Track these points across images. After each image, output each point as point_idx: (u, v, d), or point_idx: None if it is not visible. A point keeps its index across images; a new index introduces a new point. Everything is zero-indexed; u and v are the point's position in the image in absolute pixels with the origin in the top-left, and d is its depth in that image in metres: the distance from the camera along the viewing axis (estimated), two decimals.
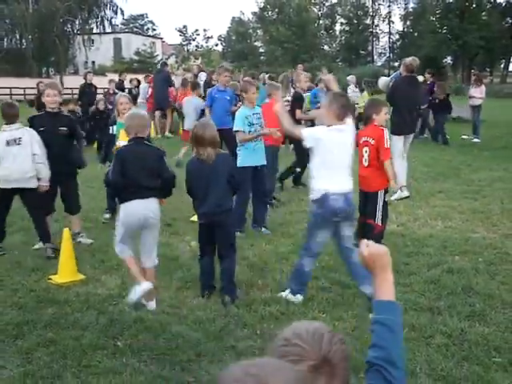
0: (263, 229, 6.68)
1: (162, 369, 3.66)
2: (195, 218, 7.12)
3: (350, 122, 4.58)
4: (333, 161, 4.47)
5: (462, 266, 5.43)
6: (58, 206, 7.67)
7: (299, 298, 4.69)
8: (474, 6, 52.51)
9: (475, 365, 3.66)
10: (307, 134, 4.57)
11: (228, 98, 8.80)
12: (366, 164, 5.64)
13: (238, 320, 4.34)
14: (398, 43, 65.09)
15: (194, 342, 3.98)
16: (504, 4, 54.08)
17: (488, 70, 55.83)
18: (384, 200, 5.59)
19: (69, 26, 44.28)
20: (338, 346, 1.27)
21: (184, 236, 6.55)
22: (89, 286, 4.95)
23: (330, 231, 4.59)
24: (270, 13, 59.53)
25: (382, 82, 10.48)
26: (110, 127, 7.26)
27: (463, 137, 15.54)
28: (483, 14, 53.12)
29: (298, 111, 8.82)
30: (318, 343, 1.25)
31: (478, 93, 15.26)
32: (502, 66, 59.00)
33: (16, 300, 4.75)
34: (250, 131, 6.45)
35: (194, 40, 50.07)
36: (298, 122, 8.80)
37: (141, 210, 4.50)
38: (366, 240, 1.80)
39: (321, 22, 64.26)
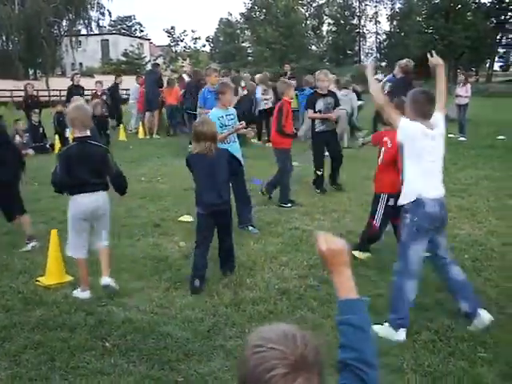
0: (250, 228, 6.70)
1: (150, 369, 3.66)
2: (184, 218, 7.17)
3: (437, 117, 4.15)
4: (424, 162, 4.06)
5: None
6: (46, 210, 7.66)
7: (402, 334, 4.03)
8: (460, 6, 52.91)
9: (461, 360, 3.71)
10: (402, 125, 4.03)
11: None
12: (378, 163, 5.68)
13: (226, 319, 4.36)
14: (385, 43, 65.40)
15: (182, 342, 3.99)
16: (488, 4, 54.57)
17: (474, 69, 56.26)
18: (387, 204, 5.53)
19: (55, 27, 44.01)
20: (311, 343, 1.26)
21: (173, 236, 6.55)
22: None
23: (426, 242, 4.12)
24: (257, 13, 59.55)
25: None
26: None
27: (450, 135, 15.65)
28: (468, 14, 53.57)
29: (310, 111, 8.73)
30: (292, 343, 1.24)
31: (463, 92, 15.39)
32: (488, 65, 59.51)
33: (3, 302, 4.73)
34: (221, 133, 6.46)
35: (181, 41, 49.88)
36: (312, 121, 8.79)
37: (89, 202, 4.71)
38: (322, 232, 1.69)
39: (308, 22, 64.41)
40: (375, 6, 67.42)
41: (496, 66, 58.65)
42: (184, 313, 4.49)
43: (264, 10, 57.70)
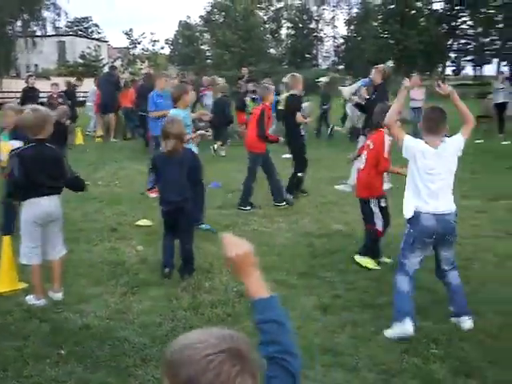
0: (203, 225, 6.72)
1: (107, 375, 3.61)
2: (141, 222, 7.11)
3: (455, 138, 4.28)
4: (418, 175, 4.20)
5: None
6: None
7: (407, 327, 4.02)
8: (414, 11, 54.16)
9: (415, 357, 3.79)
10: (406, 143, 4.26)
11: (169, 101, 8.82)
12: (361, 167, 5.68)
13: (185, 323, 4.34)
14: (343, 47, 66.33)
15: (140, 347, 3.95)
16: (441, 11, 56.04)
17: (428, 73, 57.64)
18: (380, 206, 5.56)
19: (10, 27, 42.80)
20: (246, 340, 1.33)
21: (130, 241, 6.47)
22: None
23: (425, 252, 4.29)
24: (216, 16, 59.51)
25: (347, 91, 10.52)
26: None
27: None
28: (421, 20, 54.84)
29: (299, 114, 8.47)
30: (231, 341, 1.28)
31: (418, 95, 15.74)
32: (440, 69, 61.03)
33: None
34: None
35: (139, 43, 49.35)
36: (298, 125, 8.53)
37: (45, 206, 4.64)
38: (227, 235, 1.75)
39: (267, 26, 64.72)
40: (332, 11, 68.35)
41: (448, 71, 60.17)
42: (141, 318, 4.45)
43: (223, 13, 57.71)
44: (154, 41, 49.90)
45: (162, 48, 53.76)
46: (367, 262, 5.55)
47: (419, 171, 4.19)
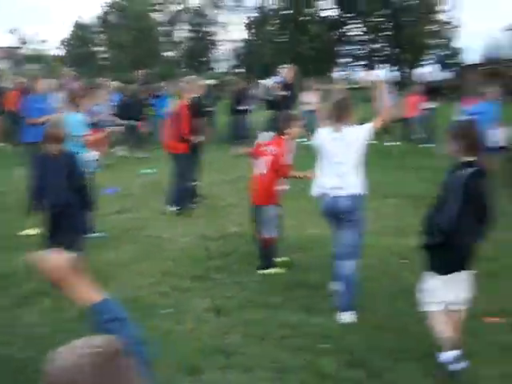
0: (95, 233, 6.48)
1: None
2: (28, 231, 6.76)
3: (364, 127, 4.58)
4: (324, 160, 4.60)
5: (298, 262, 5.74)
6: None
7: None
8: (305, 18, 55.91)
9: (307, 353, 3.91)
10: (317, 131, 4.75)
11: (49, 105, 8.33)
12: (263, 172, 5.52)
13: (76, 334, 4.16)
14: (242, 50, 67.08)
15: (30, 362, 3.75)
16: (335, 17, 58.24)
17: (321, 78, 59.69)
18: (273, 214, 5.50)
19: None
20: (119, 340, 1.35)
21: (18, 251, 6.13)
22: None
23: (334, 227, 4.67)
24: (113, 17, 57.94)
25: (264, 84, 10.66)
26: None
27: (302, 139, 16.44)
28: (312, 25, 56.68)
29: (197, 119, 8.24)
30: (115, 344, 1.30)
31: (310, 98, 16.24)
32: (331, 74, 63.33)
33: None
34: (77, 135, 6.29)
35: (26, 43, 46.86)
36: (195, 130, 8.13)
37: None
38: (40, 253, 1.77)
39: (163, 28, 64.01)
40: (228, 15, 68.79)
41: (340, 75, 62.66)
42: (30, 331, 4.26)
43: (121, 13, 56.34)
44: (43, 41, 47.78)
45: (57, 48, 51.63)
46: (273, 271, 5.52)
47: (323, 154, 4.61)
